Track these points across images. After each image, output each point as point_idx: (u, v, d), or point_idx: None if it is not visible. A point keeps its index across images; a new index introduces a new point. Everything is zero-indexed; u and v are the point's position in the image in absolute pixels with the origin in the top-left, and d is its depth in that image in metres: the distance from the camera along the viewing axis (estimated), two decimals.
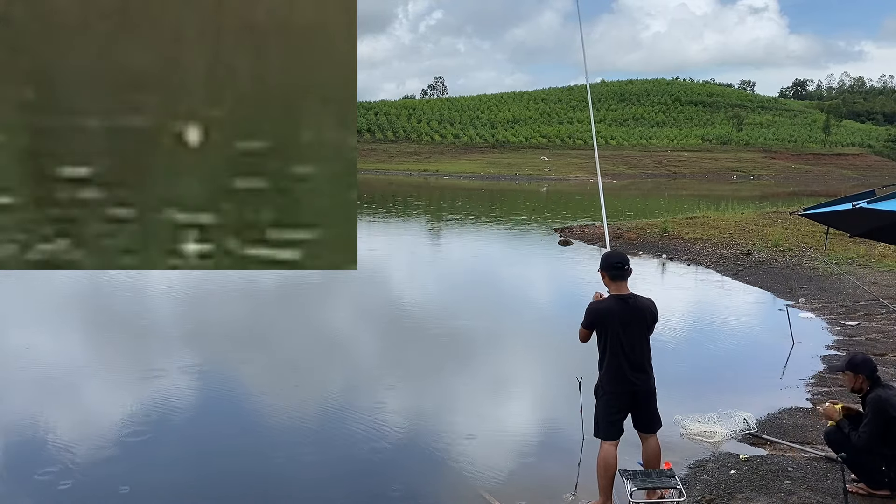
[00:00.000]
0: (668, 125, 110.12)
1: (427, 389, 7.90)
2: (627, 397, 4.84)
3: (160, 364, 8.28)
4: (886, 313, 11.14)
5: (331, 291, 13.34)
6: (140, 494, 5.26)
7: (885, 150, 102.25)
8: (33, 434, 6.28)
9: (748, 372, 8.65)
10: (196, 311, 11.53)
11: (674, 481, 4.72)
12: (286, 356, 9.03)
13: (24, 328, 10.00)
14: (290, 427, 6.65)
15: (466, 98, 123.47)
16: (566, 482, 5.50)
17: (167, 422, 6.62)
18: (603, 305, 4.87)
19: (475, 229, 26.39)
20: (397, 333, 10.49)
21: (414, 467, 5.89)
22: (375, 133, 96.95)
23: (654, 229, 21.63)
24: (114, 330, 10.08)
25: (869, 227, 6.74)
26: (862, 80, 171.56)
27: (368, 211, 31.13)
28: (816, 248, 17.02)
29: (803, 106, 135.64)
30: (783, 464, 5.79)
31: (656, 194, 50.65)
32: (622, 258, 4.94)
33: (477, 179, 67.62)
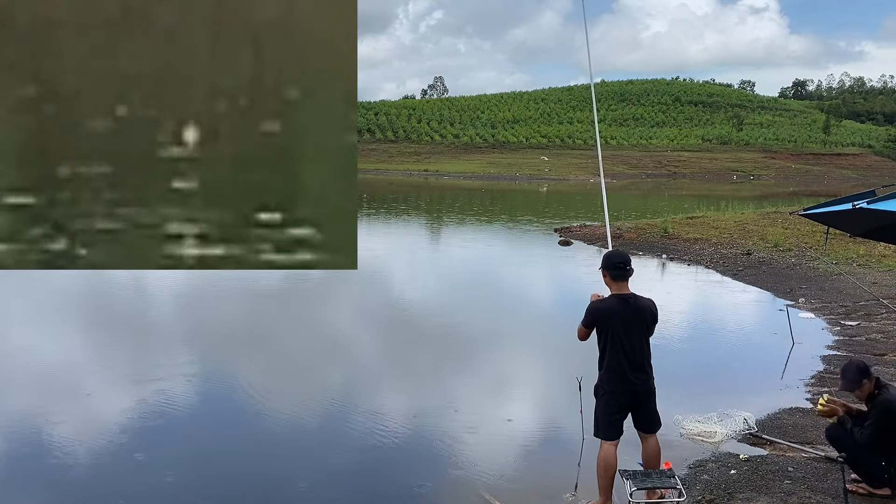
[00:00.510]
0: (668, 125, 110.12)
1: (427, 389, 7.90)
2: (627, 397, 4.84)
3: (160, 364, 8.27)
4: (886, 313, 11.14)
5: (331, 291, 13.34)
6: (140, 494, 5.26)
7: (885, 150, 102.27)
8: (34, 433, 6.27)
9: (748, 372, 8.65)
10: (196, 310, 11.53)
11: (674, 481, 4.72)
12: (286, 356, 9.03)
13: (25, 328, 10.00)
14: (290, 427, 6.65)
15: (466, 98, 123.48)
16: (566, 482, 5.50)
17: (167, 421, 6.61)
18: (604, 305, 4.87)
19: (475, 229, 26.39)
20: (397, 334, 10.49)
21: (414, 467, 5.89)
22: (375, 133, 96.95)
23: (654, 229, 21.63)
24: (113, 330, 10.08)
25: (869, 227, 6.74)
26: (862, 80, 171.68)
27: (368, 211, 31.13)
28: (816, 248, 17.02)
29: (803, 106, 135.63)
30: (783, 464, 5.78)
31: (656, 194, 50.66)
32: (624, 258, 4.94)
33: (477, 179, 67.62)
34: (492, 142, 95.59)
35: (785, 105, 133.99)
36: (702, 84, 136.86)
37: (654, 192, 53.21)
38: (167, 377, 7.77)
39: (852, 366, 5.28)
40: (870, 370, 5.29)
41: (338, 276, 13.61)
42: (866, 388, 5.22)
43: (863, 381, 5.21)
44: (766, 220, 24.00)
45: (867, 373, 5.24)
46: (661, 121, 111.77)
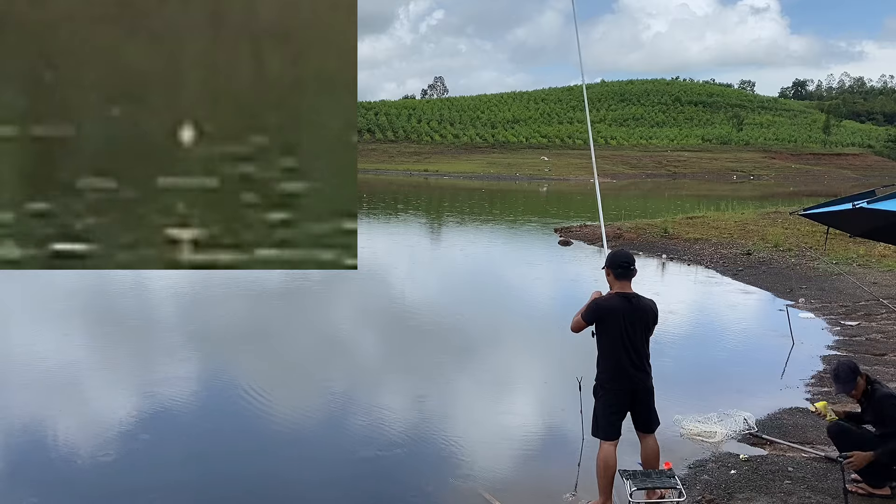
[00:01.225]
0: (668, 125, 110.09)
1: (427, 389, 7.90)
2: (627, 395, 4.85)
3: (160, 364, 8.28)
4: (886, 313, 11.14)
5: (331, 291, 13.34)
6: (140, 494, 5.26)
7: (885, 150, 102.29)
8: (35, 432, 6.27)
9: (748, 372, 8.65)
10: (196, 310, 11.53)
11: (674, 481, 4.72)
12: (286, 356, 9.03)
13: (26, 328, 10.00)
14: (289, 427, 6.65)
15: (466, 98, 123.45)
16: (566, 482, 5.51)
17: (167, 421, 6.61)
18: (609, 302, 4.88)
19: (475, 229, 26.39)
20: (397, 334, 10.49)
21: (414, 467, 5.89)
22: (375, 133, 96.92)
23: (654, 229, 21.63)
24: (114, 329, 10.08)
25: (869, 227, 6.74)
26: (862, 81, 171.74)
27: (368, 211, 31.13)
28: (816, 248, 17.02)
29: (803, 106, 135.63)
30: (783, 464, 5.79)
31: (656, 194, 50.66)
32: (629, 258, 4.96)
33: (477, 179, 67.60)
34: (492, 142, 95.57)
35: (785, 105, 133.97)
36: (702, 84, 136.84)
37: (654, 192, 53.20)
38: (167, 377, 7.77)
39: (844, 367, 5.25)
40: (858, 367, 5.29)
41: (338, 276, 13.61)
42: (860, 385, 5.23)
43: (857, 380, 5.22)
44: (766, 220, 24.00)
45: (857, 370, 5.24)
46: (662, 121, 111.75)
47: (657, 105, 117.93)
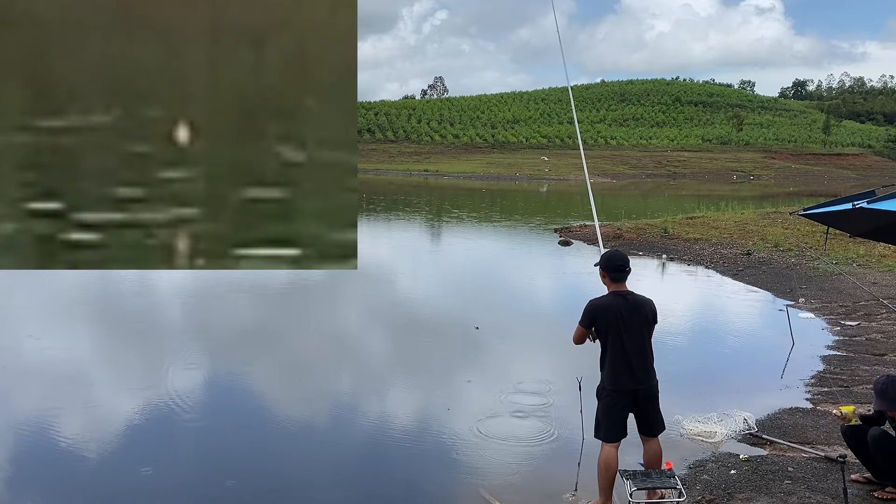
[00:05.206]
0: (668, 125, 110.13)
1: (427, 389, 7.90)
2: (628, 397, 4.83)
3: (161, 363, 8.27)
4: (886, 313, 11.14)
5: (331, 291, 13.34)
6: (140, 493, 5.26)
7: (885, 151, 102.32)
8: (35, 432, 6.27)
9: (748, 372, 8.64)
10: (197, 310, 11.53)
11: (674, 481, 4.72)
12: (286, 356, 9.03)
13: (26, 328, 9.99)
14: (289, 427, 6.65)
15: (466, 98, 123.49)
16: (566, 482, 5.50)
17: (169, 421, 6.61)
18: (603, 301, 4.87)
19: (475, 229, 26.38)
20: (397, 334, 10.49)
21: (414, 467, 5.89)
22: (375, 133, 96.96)
23: (654, 229, 21.63)
24: (114, 329, 10.08)
25: (869, 227, 6.73)
26: (862, 81, 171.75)
27: (368, 211, 31.12)
28: (816, 248, 17.02)
29: (803, 106, 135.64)
30: (783, 464, 5.78)
31: (656, 194, 50.65)
32: (624, 260, 4.94)
33: (477, 179, 67.61)
34: (492, 142, 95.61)
35: (785, 105, 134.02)
36: (702, 84, 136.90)
37: (654, 193, 53.19)
38: (169, 376, 7.77)
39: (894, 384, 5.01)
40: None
41: (338, 276, 13.61)
42: None
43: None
44: (766, 220, 24.00)
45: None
46: (662, 121, 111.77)
47: (657, 105, 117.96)
